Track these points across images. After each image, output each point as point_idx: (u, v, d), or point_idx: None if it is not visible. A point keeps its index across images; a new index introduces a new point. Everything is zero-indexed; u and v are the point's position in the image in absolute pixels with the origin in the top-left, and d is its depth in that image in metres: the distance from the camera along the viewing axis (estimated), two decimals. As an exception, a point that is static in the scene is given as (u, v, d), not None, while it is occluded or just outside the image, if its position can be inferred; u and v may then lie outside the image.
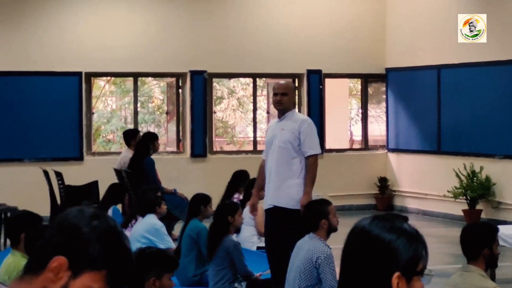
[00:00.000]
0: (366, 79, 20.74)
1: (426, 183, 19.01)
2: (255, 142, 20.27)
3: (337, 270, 8.74)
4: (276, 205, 10.06)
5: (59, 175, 15.79)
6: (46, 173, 16.03)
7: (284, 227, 9.96)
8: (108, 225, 2.97)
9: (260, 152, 19.58)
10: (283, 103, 10.19)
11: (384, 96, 20.55)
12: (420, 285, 3.09)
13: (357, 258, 3.09)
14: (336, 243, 8.94)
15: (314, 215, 8.94)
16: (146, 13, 18.99)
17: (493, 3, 17.38)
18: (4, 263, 8.35)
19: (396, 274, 3.01)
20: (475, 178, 17.13)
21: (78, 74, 18.57)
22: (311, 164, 10.10)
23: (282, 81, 11.13)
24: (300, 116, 10.59)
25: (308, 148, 10.09)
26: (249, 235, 13.53)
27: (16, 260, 8.18)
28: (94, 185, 14.99)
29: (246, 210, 13.35)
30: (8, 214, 14.62)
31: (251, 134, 20.45)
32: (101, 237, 2.92)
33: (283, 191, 10.03)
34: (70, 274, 2.91)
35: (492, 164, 17.15)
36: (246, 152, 20.03)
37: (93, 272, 2.91)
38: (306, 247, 8.85)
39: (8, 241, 11.24)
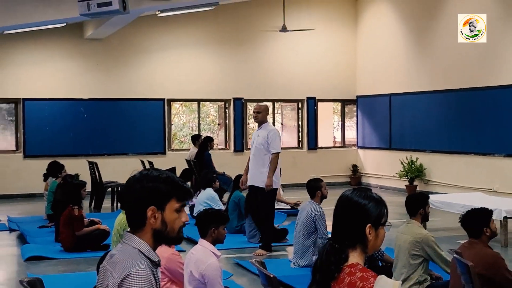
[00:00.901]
0: (344, 102, 20.69)
1: (382, 168, 19.05)
2: (273, 142, 20.31)
3: (328, 223, 8.86)
4: (253, 184, 10.13)
5: (151, 163, 15.88)
6: (142, 162, 16.12)
7: (258, 197, 10.06)
8: (163, 175, 3.06)
9: (277, 149, 19.79)
10: (257, 118, 10.32)
11: (355, 113, 20.55)
12: (383, 233, 3.20)
13: (343, 216, 3.20)
14: (327, 206, 9.06)
15: (312, 188, 9.00)
16: (206, 57, 19.03)
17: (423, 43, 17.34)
18: (117, 219, 8.41)
19: (368, 225, 3.13)
20: (413, 165, 17.17)
21: (162, 100, 18.67)
22: (272, 158, 10.03)
23: (258, 104, 11.22)
24: (270, 127, 10.46)
25: (272, 148, 10.05)
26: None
27: (125, 217, 8.29)
28: (172, 170, 15.09)
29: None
30: (119, 188, 14.77)
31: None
32: (164, 180, 3.03)
33: (257, 175, 10.07)
34: (160, 211, 3.02)
35: (424, 156, 17.19)
36: (268, 148, 20.08)
37: (169, 202, 3.02)
38: (307, 208, 8.94)
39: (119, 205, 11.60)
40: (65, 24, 15.94)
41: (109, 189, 15.27)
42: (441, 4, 16.73)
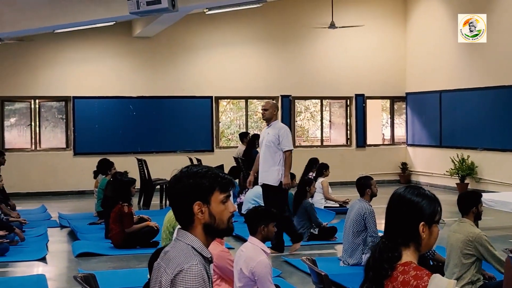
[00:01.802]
0: (393, 99, 20.53)
1: (432, 166, 18.84)
2: (321, 140, 20.25)
3: (379, 221, 8.81)
4: (265, 183, 9.99)
5: (199, 161, 15.97)
6: (191, 160, 16.21)
7: (270, 195, 9.92)
8: (202, 169, 3.08)
9: (325, 147, 19.77)
10: (265, 115, 10.10)
11: (404, 110, 20.37)
12: (437, 231, 3.18)
13: (396, 214, 3.19)
14: (377, 204, 9.01)
15: (362, 186, 8.94)
16: (253, 55, 19.06)
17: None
18: (166, 216, 8.45)
19: (422, 223, 3.11)
20: (464, 163, 16.95)
21: (210, 97, 18.78)
22: (286, 157, 9.86)
23: (266, 101, 10.80)
24: (280, 125, 10.23)
25: (284, 146, 9.87)
26: (319, 199, 13.55)
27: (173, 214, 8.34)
28: (220, 167, 15.14)
29: (318, 183, 13.45)
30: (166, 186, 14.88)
31: (318, 135, 20.36)
32: (204, 175, 3.05)
33: (269, 173, 9.90)
34: (206, 205, 3.04)
35: (475, 153, 16.94)
36: (316, 146, 20.02)
37: (213, 194, 3.03)
38: (357, 206, 8.88)
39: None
40: (114, 22, 16.14)
41: (158, 187, 15.42)
42: (490, 3, 16.46)
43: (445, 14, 18.25)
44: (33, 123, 18.21)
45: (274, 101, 10.62)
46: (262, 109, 10.24)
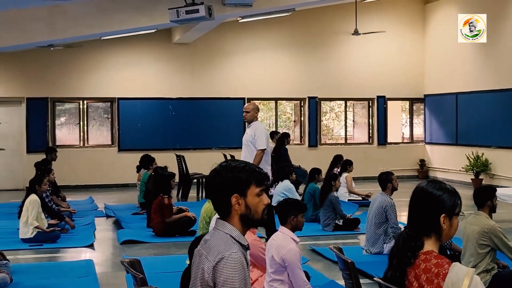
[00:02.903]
0: (412, 101, 20.37)
1: (448, 162, 18.69)
2: (345, 139, 20.18)
3: (400, 214, 8.77)
4: None
5: (232, 157, 15.94)
6: (225, 156, 16.23)
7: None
8: (240, 164, 3.10)
9: (349, 145, 19.70)
10: (246, 117, 9.87)
11: (423, 111, 20.21)
12: (457, 222, 3.16)
13: (419, 206, 3.17)
14: (397, 197, 8.98)
15: (384, 181, 8.89)
16: (282, 59, 19.05)
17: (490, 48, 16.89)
18: (204, 207, 8.47)
19: (443, 215, 3.09)
20: (478, 160, 16.77)
21: (243, 99, 18.76)
22: (257, 154, 9.56)
23: (247, 104, 10.45)
24: (257, 125, 9.88)
25: (257, 145, 9.61)
26: (343, 192, 13.51)
27: (210, 206, 8.32)
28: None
29: (342, 178, 13.41)
30: (204, 180, 14.92)
31: (342, 134, 20.28)
32: (242, 169, 3.06)
33: None
34: (242, 198, 3.05)
35: (489, 151, 16.77)
36: (340, 144, 19.94)
37: (250, 187, 3.03)
38: (379, 200, 8.84)
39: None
40: (156, 30, 16.23)
41: (195, 180, 15.46)
42: (506, 7, 16.26)
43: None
44: (81, 122, 18.37)
45: (255, 104, 10.26)
46: (244, 111, 9.97)
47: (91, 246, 9.91)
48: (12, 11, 12.46)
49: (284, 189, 11.99)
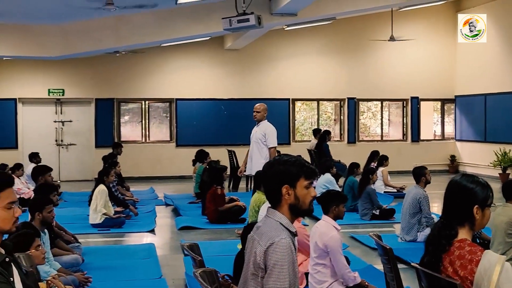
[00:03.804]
0: (443, 101, 20.04)
1: (477, 158, 18.32)
2: (381, 136, 19.98)
3: (433, 205, 8.64)
4: (253, 174, 9.61)
5: (279, 152, 15.97)
6: (271, 151, 16.26)
7: (256, 185, 9.20)
8: (291, 158, 3.08)
9: (384, 141, 19.49)
10: (256, 116, 9.78)
11: (453, 111, 19.87)
12: (489, 213, 3.12)
13: (453, 198, 3.13)
14: (430, 190, 8.86)
15: (418, 174, 8.77)
16: (324, 63, 18.94)
17: None
18: (253, 197, 8.49)
19: (476, 206, 3.05)
20: (506, 156, 16.41)
21: (288, 99, 18.77)
22: (271, 152, 9.51)
23: (257, 104, 10.18)
24: (267, 124, 9.83)
25: (269, 143, 9.55)
26: (380, 185, 13.34)
27: (259, 196, 8.32)
28: (296, 157, 15.08)
29: (379, 172, 13.27)
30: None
31: (379, 132, 20.08)
32: (293, 163, 3.05)
33: (256, 165, 9.52)
34: (292, 189, 3.04)
35: (516, 148, 16.48)
36: (376, 141, 19.74)
37: (299, 180, 3.02)
38: (413, 192, 8.72)
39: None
40: (209, 37, 16.32)
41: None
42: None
43: (491, 27, 17.63)
44: (143, 120, 18.57)
45: (265, 105, 10.11)
46: (254, 111, 9.82)
47: (152, 231, 10.00)
48: (83, 21, 12.68)
49: (325, 182, 11.95)
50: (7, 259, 2.83)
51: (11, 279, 2.80)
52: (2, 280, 2.71)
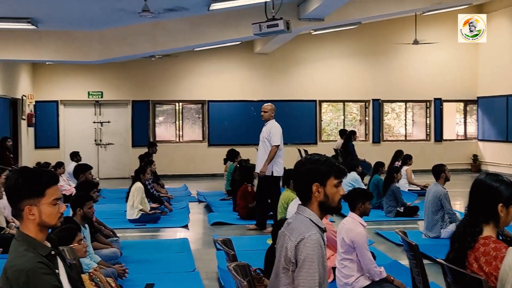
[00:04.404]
0: (466, 102, 19.78)
1: (499, 157, 18.05)
2: (405, 136, 19.80)
3: (453, 202, 8.53)
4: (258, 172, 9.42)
5: (306, 151, 15.97)
6: (299, 151, 16.23)
7: (263, 183, 9.38)
8: (322, 158, 3.06)
9: (408, 141, 19.31)
10: (264, 116, 9.60)
11: (475, 111, 19.60)
12: None
13: (478, 196, 3.09)
14: (451, 187, 8.74)
15: (437, 171, 8.65)
16: (349, 66, 18.84)
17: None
18: (282, 194, 8.48)
19: (500, 204, 3.00)
20: (527, 155, 16.20)
21: (314, 101, 18.73)
22: (271, 150, 9.29)
23: (265, 105, 9.91)
24: (273, 124, 9.59)
25: (272, 141, 9.35)
26: (404, 183, 13.22)
27: (288, 193, 8.36)
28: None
29: (403, 170, 13.13)
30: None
31: (402, 132, 19.89)
32: (323, 162, 3.00)
33: (261, 164, 9.36)
34: (322, 187, 3.01)
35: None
36: (400, 141, 19.54)
37: (329, 179, 3.00)
38: (433, 190, 8.62)
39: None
40: (240, 42, 16.35)
41: (273, 171, 15.49)
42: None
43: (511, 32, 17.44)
44: (177, 121, 18.69)
45: (272, 105, 9.90)
46: (262, 111, 9.69)
47: (186, 226, 10.04)
48: (121, 28, 12.80)
49: (351, 180, 11.86)
50: (52, 252, 2.88)
51: (57, 271, 2.84)
52: (48, 271, 2.75)
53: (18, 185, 2.82)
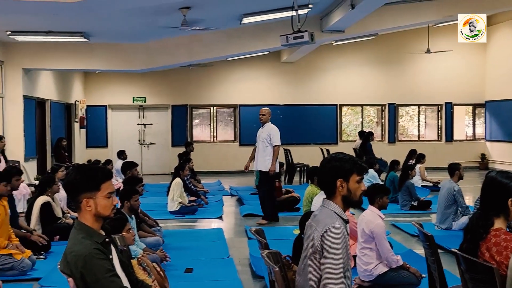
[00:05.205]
0: (474, 106, 19.47)
1: (506, 156, 17.72)
2: (418, 136, 19.57)
3: (467, 197, 8.39)
4: (258, 169, 9.37)
5: (328, 151, 15.90)
6: (322, 150, 16.17)
7: (262, 178, 9.35)
8: (345, 156, 3.06)
9: (421, 141, 19.08)
10: (262, 119, 9.46)
11: (483, 114, 19.27)
12: None
13: (489, 192, 3.05)
14: (463, 184, 8.62)
15: (452, 169, 8.54)
16: (367, 73, 18.71)
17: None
18: (307, 190, 8.40)
19: (510, 199, 2.96)
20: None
21: (335, 105, 18.62)
22: (275, 150, 9.22)
23: (263, 109, 9.71)
24: (271, 126, 9.45)
25: (273, 142, 9.25)
26: (417, 180, 13.06)
27: (312, 188, 8.31)
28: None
29: (416, 168, 12.98)
30: (305, 168, 14.88)
31: (416, 133, 19.66)
32: (347, 160, 3.01)
33: (261, 162, 9.30)
34: (345, 182, 3.00)
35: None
36: (414, 141, 19.32)
37: (352, 175, 2.99)
38: (447, 186, 8.50)
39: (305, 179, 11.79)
40: (268, 52, 16.34)
41: (298, 168, 15.44)
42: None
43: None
44: (211, 123, 18.77)
45: (269, 109, 9.74)
46: (260, 114, 9.55)
47: (220, 217, 10.08)
48: (162, 40, 12.91)
49: (369, 177, 11.77)
50: (106, 240, 2.93)
51: (110, 256, 2.89)
52: (103, 257, 2.80)
53: (77, 180, 2.87)
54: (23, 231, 7.13)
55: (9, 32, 10.92)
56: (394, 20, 12.92)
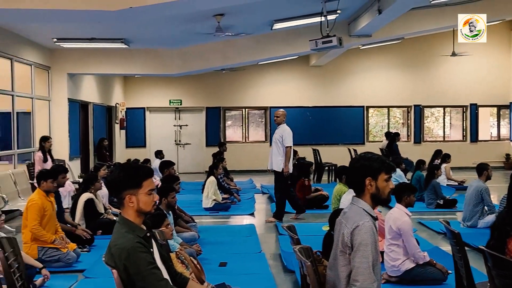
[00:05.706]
0: (499, 107, 19.05)
1: (530, 156, 17.34)
2: (444, 137, 19.26)
3: (493, 196, 8.22)
4: (273, 169, 9.20)
5: (355, 151, 15.78)
6: (349, 150, 16.03)
7: (276, 177, 9.21)
8: (374, 155, 3.01)
9: (446, 142, 18.76)
10: (276, 121, 9.32)
11: (508, 115, 18.84)
12: None
13: None
14: (487, 183, 8.44)
15: (481, 169, 8.35)
16: (393, 76, 18.49)
17: None
18: (335, 188, 8.36)
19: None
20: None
21: (362, 106, 18.46)
22: (287, 151, 9.08)
23: (277, 111, 9.58)
24: (284, 127, 9.31)
25: (285, 143, 9.11)
26: (443, 179, 12.84)
27: (340, 187, 8.26)
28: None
29: (442, 167, 12.77)
30: (333, 167, 14.79)
31: (441, 134, 19.36)
32: (376, 160, 2.96)
33: (275, 162, 9.14)
34: (374, 181, 2.97)
35: None
36: (439, 141, 19.02)
37: (380, 174, 2.95)
38: (475, 185, 8.32)
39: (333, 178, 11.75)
40: (297, 56, 16.31)
41: (327, 167, 15.37)
42: None
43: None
44: (243, 125, 18.81)
45: (284, 111, 9.63)
46: (275, 116, 9.45)
47: (252, 214, 10.08)
48: (197, 45, 13.01)
49: (396, 176, 11.59)
50: (148, 234, 2.97)
51: (151, 249, 2.93)
52: (145, 250, 2.84)
53: (121, 178, 2.92)
54: (69, 225, 7.28)
55: (55, 39, 11.17)
56: (419, 25, 12.75)
